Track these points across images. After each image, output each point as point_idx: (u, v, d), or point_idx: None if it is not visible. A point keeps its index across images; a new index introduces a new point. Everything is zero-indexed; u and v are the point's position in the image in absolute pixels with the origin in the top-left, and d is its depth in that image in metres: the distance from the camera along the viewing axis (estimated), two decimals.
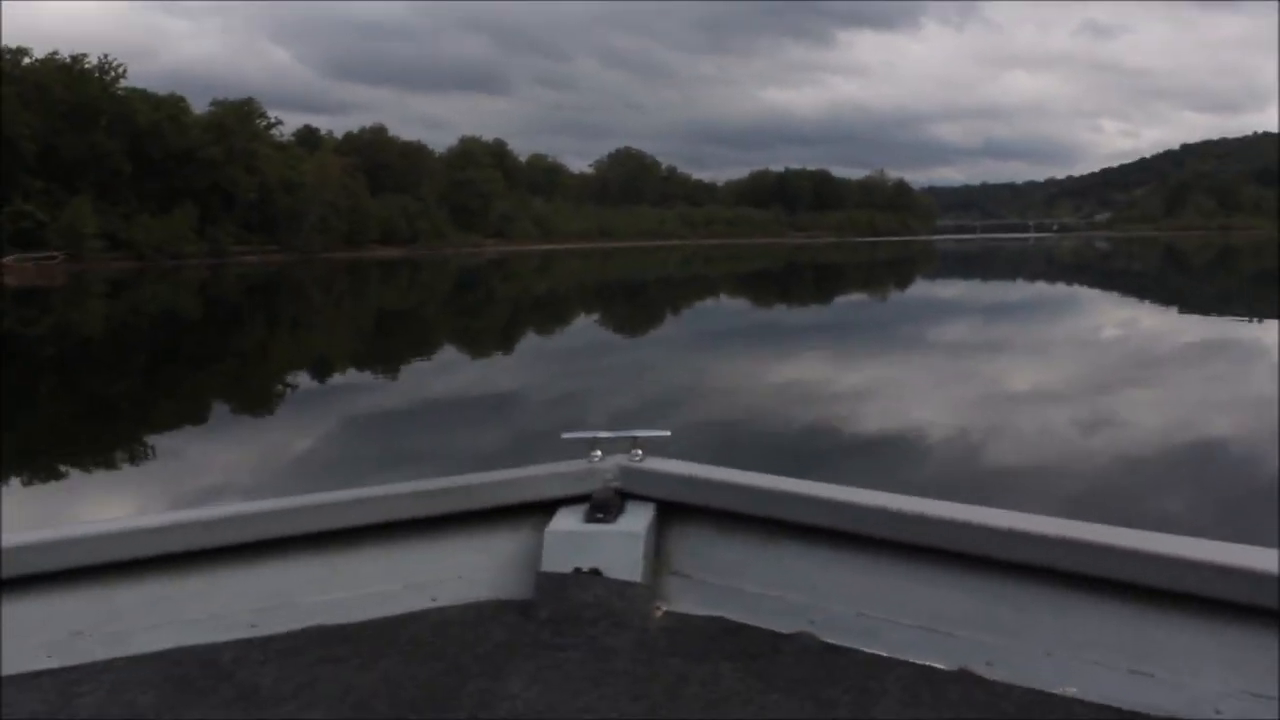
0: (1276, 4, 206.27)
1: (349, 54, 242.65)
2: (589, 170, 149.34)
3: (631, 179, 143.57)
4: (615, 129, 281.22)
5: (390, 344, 20.30)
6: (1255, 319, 21.26)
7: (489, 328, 23.63)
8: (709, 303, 31.89)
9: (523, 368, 15.77)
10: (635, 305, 31.65)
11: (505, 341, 19.97)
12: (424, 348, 18.84)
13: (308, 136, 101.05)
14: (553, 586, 1.99)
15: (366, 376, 15.15)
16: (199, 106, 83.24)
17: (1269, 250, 65.91)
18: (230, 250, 76.10)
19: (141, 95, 78.01)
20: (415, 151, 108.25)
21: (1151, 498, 7.05)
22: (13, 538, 1.93)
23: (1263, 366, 13.91)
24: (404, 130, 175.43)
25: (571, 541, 2.00)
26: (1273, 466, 7.60)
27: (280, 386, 14.12)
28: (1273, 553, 1.62)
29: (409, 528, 2.07)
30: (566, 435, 2.17)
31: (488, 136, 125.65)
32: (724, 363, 15.50)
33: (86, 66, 75.45)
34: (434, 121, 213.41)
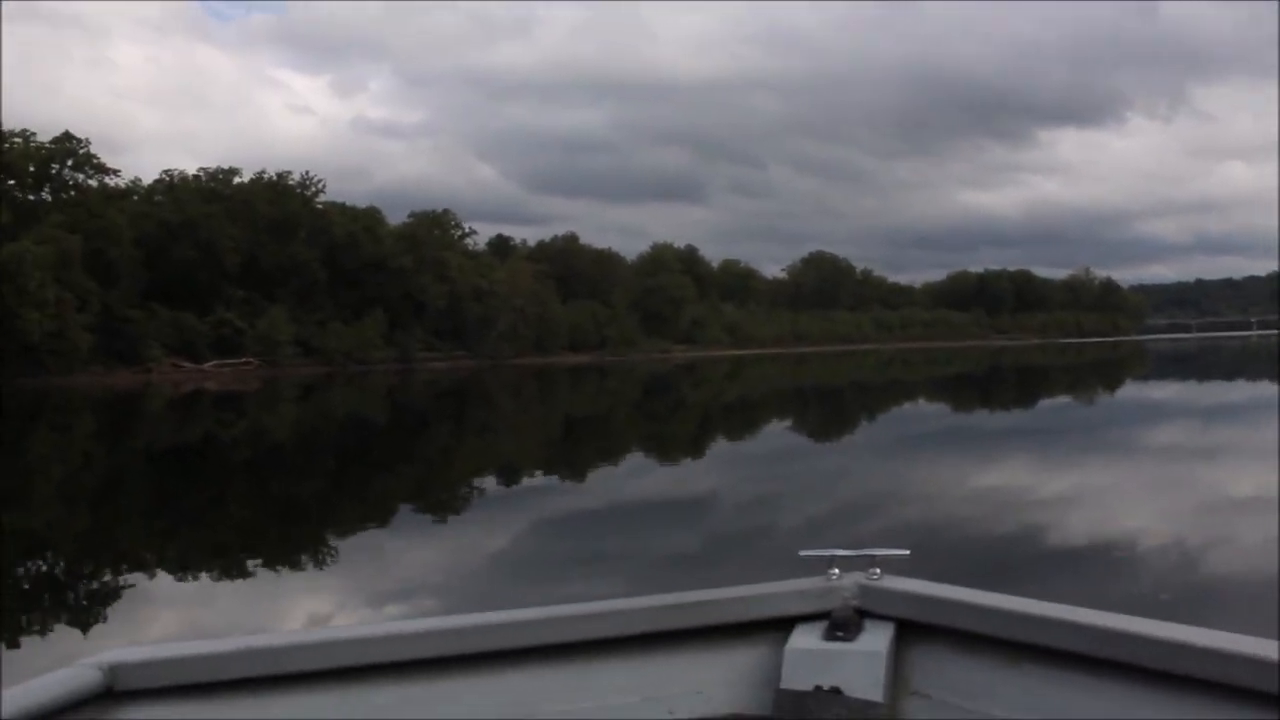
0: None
1: (549, 168, 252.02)
2: (782, 275, 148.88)
3: (825, 283, 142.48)
4: (810, 233, 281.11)
5: (578, 449, 20.22)
6: None
7: (678, 433, 23.35)
8: (906, 407, 30.95)
9: (711, 472, 15.38)
10: (828, 410, 30.95)
11: (694, 448, 19.62)
12: (612, 453, 18.65)
13: (501, 245, 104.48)
14: (793, 704, 1.98)
15: (554, 480, 14.99)
16: (404, 220, 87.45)
17: None
18: (417, 356, 78.86)
19: (340, 208, 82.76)
20: (607, 259, 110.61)
21: None
22: (276, 638, 2.02)
23: None
24: (601, 239, 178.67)
25: (812, 659, 2.00)
26: None
27: (467, 490, 14.02)
28: None
29: (648, 641, 2.08)
30: (804, 553, 2.17)
31: (682, 243, 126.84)
32: (924, 468, 14.78)
33: (289, 183, 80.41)
34: (631, 230, 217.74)
